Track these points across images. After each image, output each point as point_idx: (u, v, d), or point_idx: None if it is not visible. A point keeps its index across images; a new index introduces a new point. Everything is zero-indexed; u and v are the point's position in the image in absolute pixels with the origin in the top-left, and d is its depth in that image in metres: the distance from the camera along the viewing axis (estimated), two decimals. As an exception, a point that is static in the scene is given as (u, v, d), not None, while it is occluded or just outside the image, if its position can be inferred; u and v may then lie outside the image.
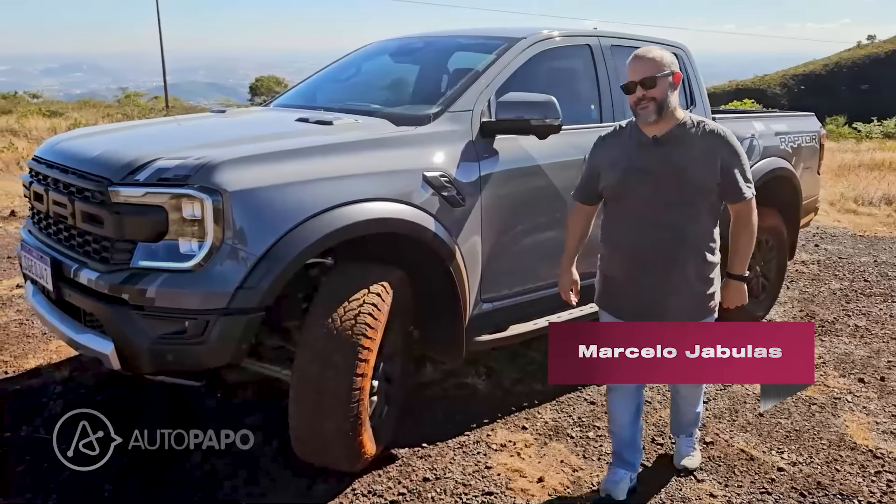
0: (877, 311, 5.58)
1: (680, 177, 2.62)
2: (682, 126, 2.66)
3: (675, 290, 2.72)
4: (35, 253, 3.06)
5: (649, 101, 2.58)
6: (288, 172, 2.76)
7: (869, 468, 3.24)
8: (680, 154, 2.63)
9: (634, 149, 2.69)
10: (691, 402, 3.10)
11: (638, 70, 2.60)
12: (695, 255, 2.70)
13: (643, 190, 2.67)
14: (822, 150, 5.74)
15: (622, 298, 2.82)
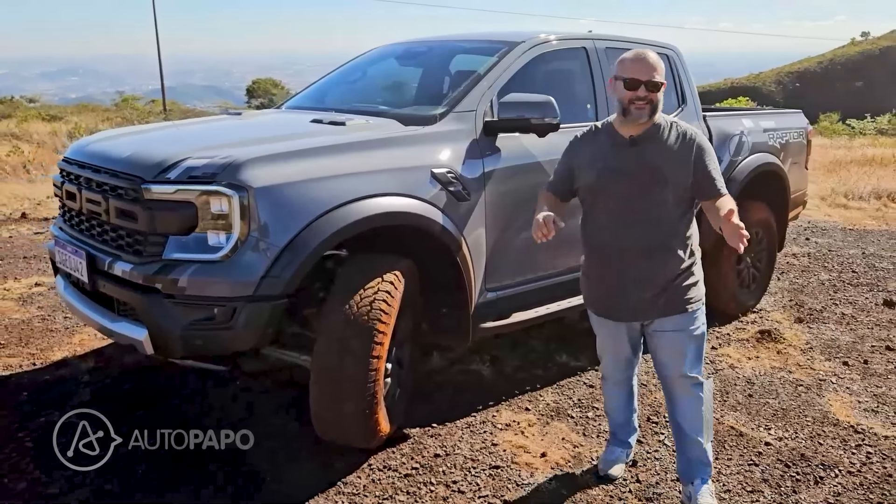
0: (863, 300, 5.81)
1: (655, 175, 2.67)
2: (657, 126, 2.72)
3: (656, 287, 2.73)
4: (70, 248, 3.27)
5: (647, 102, 2.63)
6: (307, 170, 2.98)
7: (850, 442, 3.46)
8: (654, 153, 2.68)
9: (610, 149, 2.74)
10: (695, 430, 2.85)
11: (645, 71, 2.64)
12: (673, 251, 2.72)
13: (619, 189, 2.71)
14: (809, 146, 5.97)
15: (606, 298, 2.86)
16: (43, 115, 26.29)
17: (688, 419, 2.86)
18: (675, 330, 2.79)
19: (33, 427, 3.40)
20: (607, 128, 2.80)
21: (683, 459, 2.93)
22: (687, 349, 2.80)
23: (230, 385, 3.90)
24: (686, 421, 2.87)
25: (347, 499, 2.90)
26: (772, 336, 4.82)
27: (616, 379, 3.07)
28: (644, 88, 2.63)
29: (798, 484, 3.09)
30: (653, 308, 2.77)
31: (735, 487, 3.06)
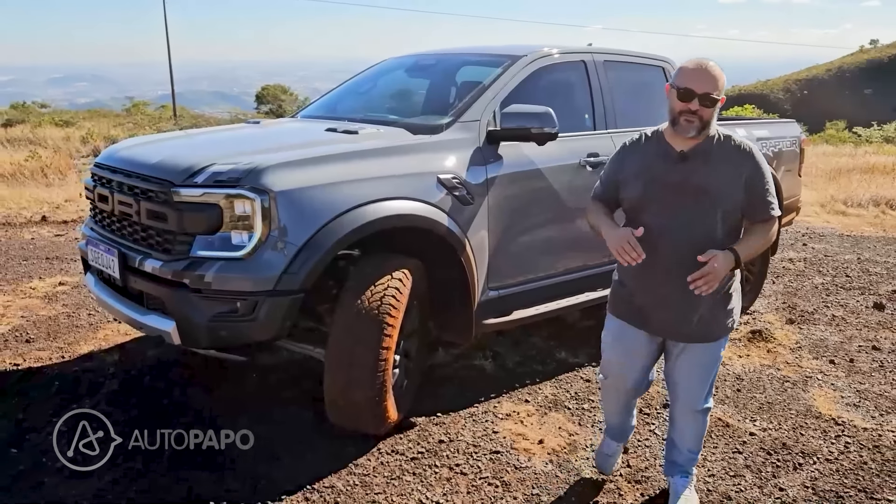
0: (854, 302, 6.03)
1: (703, 193, 2.56)
2: (709, 141, 2.59)
3: (693, 306, 2.65)
4: (102, 246, 3.53)
5: (697, 117, 2.50)
6: (323, 175, 3.23)
7: (830, 433, 3.68)
8: (705, 170, 2.56)
9: (659, 161, 2.63)
10: (689, 446, 2.97)
11: (702, 83, 2.49)
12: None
13: (665, 204, 2.60)
14: (802, 154, 6.19)
15: (640, 311, 2.77)
16: (56, 121, 26.74)
17: (686, 439, 2.96)
18: (704, 355, 2.77)
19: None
20: (658, 136, 2.68)
21: (670, 461, 3.06)
22: (706, 379, 2.83)
23: (249, 377, 4.14)
24: (684, 441, 2.97)
25: (358, 479, 3.14)
26: (763, 336, 5.04)
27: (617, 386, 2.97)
28: (697, 102, 2.49)
29: (778, 470, 3.31)
30: (689, 330, 2.70)
31: (719, 472, 3.28)
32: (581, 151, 4.19)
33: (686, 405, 2.89)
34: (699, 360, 2.79)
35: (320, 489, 3.05)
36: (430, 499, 3.02)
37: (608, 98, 4.55)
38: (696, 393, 2.85)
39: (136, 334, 4.79)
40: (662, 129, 2.68)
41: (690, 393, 2.85)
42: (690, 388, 2.84)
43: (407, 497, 3.03)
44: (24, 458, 3.24)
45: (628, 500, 3.06)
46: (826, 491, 3.14)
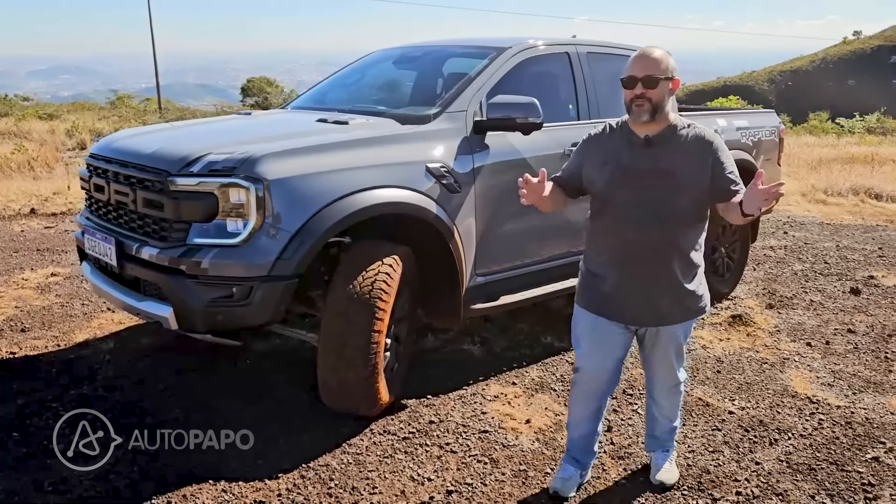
0: (831, 288, 6.19)
1: (669, 178, 2.62)
2: (673, 128, 2.66)
3: (662, 292, 2.72)
4: (99, 235, 3.61)
5: (646, 100, 2.58)
6: (315, 164, 3.33)
7: (805, 411, 3.83)
8: (670, 156, 2.63)
9: (626, 149, 2.69)
10: (668, 415, 3.08)
11: (642, 67, 2.59)
12: (681, 256, 2.71)
13: (632, 190, 2.65)
14: (781, 144, 6.34)
15: (605, 297, 2.80)
16: (39, 114, 26.52)
17: (666, 410, 3.08)
18: (673, 335, 2.87)
19: (66, 399, 3.74)
20: (622, 126, 2.74)
21: (651, 435, 3.18)
22: (679, 353, 2.95)
23: (242, 362, 4.24)
24: (664, 412, 3.08)
25: (352, 457, 3.25)
26: (743, 320, 5.19)
27: (591, 389, 2.94)
28: (641, 85, 2.58)
29: (755, 445, 3.46)
30: (662, 314, 2.77)
31: (698, 448, 3.42)
32: (565, 141, 4.31)
33: (665, 384, 3.02)
34: (673, 338, 2.88)
35: (315, 467, 3.16)
36: (422, 475, 3.14)
37: (591, 89, 4.66)
38: (670, 368, 2.97)
39: (130, 323, 4.87)
40: (626, 119, 2.75)
41: (667, 371, 2.98)
42: (667, 366, 2.96)
43: (399, 474, 3.14)
44: (28, 442, 3.33)
45: (612, 475, 3.19)
46: (799, 464, 3.28)
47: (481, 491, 3.04)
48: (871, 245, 7.93)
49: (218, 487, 3.00)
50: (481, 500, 2.98)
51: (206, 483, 3.02)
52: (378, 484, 3.07)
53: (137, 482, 3.04)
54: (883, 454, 3.37)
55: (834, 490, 3.08)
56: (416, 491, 3.03)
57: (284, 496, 2.96)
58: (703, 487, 3.09)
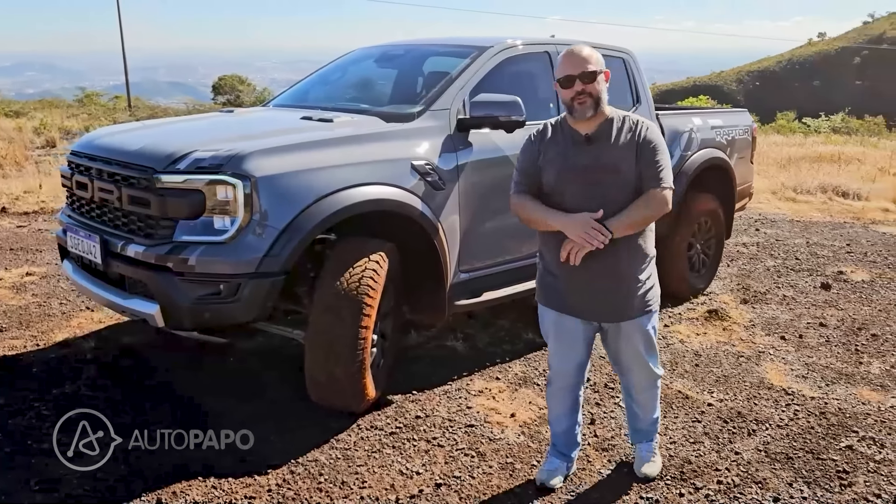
0: (803, 283, 6.34)
1: (611, 173, 2.68)
2: (610, 122, 2.73)
3: (614, 286, 2.76)
4: (82, 233, 3.59)
5: (587, 95, 2.64)
6: (302, 161, 3.35)
7: (781, 402, 3.93)
8: (610, 150, 2.69)
9: (569, 146, 2.74)
10: (648, 409, 3.11)
11: (576, 64, 2.65)
12: (630, 249, 2.74)
13: (577, 187, 2.70)
14: (754, 142, 6.48)
15: (562, 295, 2.85)
16: (6, 111, 26.01)
17: (645, 405, 3.10)
18: (639, 331, 2.87)
19: (49, 398, 3.71)
20: (562, 124, 2.80)
21: (634, 429, 3.20)
22: (650, 347, 2.93)
23: (228, 360, 4.24)
24: (643, 408, 3.11)
25: (340, 453, 3.28)
26: (719, 315, 5.30)
27: (564, 384, 3.03)
28: (579, 82, 2.64)
29: (734, 436, 3.55)
30: (619, 309, 2.80)
31: (680, 440, 3.50)
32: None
33: (638, 378, 3.03)
34: (636, 335, 2.88)
35: (304, 463, 3.19)
36: (410, 469, 3.18)
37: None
38: (643, 365, 2.96)
39: (110, 322, 4.84)
40: (565, 117, 2.80)
41: (638, 366, 2.97)
42: (636, 362, 2.95)
43: (388, 468, 3.18)
44: (10, 441, 3.30)
45: (597, 466, 3.25)
46: (777, 453, 3.38)
47: (469, 483, 3.08)
48: (840, 241, 8.13)
49: (208, 483, 3.00)
50: (470, 492, 3.03)
51: (196, 479, 3.02)
52: (367, 478, 3.10)
53: (127, 479, 3.03)
54: (856, 443, 3.48)
55: (810, 478, 3.18)
56: (405, 484, 3.06)
57: (274, 492, 2.98)
58: (686, 477, 3.17)
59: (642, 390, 3.06)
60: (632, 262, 2.76)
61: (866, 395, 4.04)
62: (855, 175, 13.22)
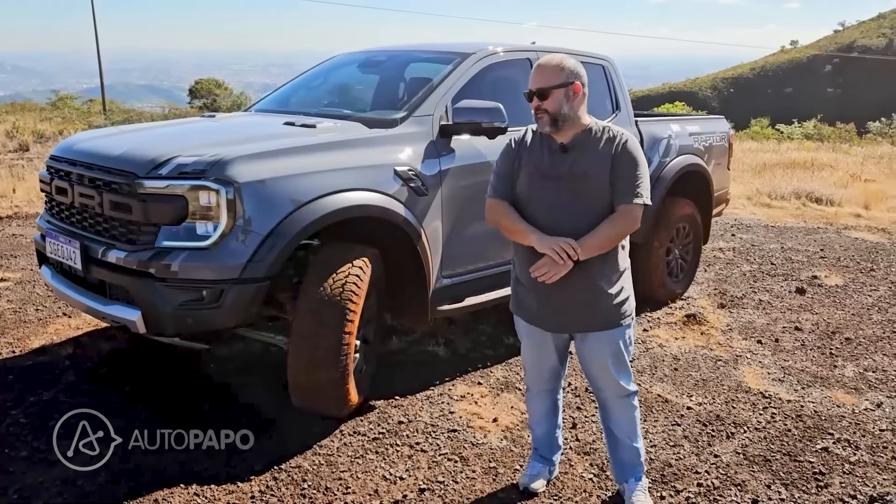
0: (778, 288, 6.44)
1: (582, 182, 2.63)
2: (588, 132, 2.68)
3: (583, 296, 2.69)
4: (62, 238, 3.55)
5: (543, 112, 2.62)
6: (285, 167, 3.34)
7: (758, 405, 3.99)
8: (583, 159, 2.65)
9: (545, 154, 2.71)
10: (628, 434, 2.94)
11: (535, 79, 2.63)
12: (600, 260, 2.66)
13: (548, 195, 2.67)
14: (731, 148, 6.58)
15: (533, 305, 2.80)
16: (-25, 115, 25.59)
17: (621, 427, 2.93)
18: (607, 344, 2.77)
19: (25, 405, 3.66)
20: (542, 132, 2.74)
21: (616, 461, 3.01)
22: (618, 362, 2.81)
23: (207, 366, 4.21)
24: (620, 429, 2.93)
25: (324, 458, 3.28)
26: (697, 319, 5.37)
27: (540, 389, 3.03)
28: (536, 99, 2.63)
29: (713, 439, 3.60)
30: (586, 321, 2.74)
31: (660, 443, 3.54)
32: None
33: (610, 393, 2.89)
34: (604, 348, 2.77)
35: (287, 469, 3.18)
36: (394, 475, 3.18)
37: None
38: (614, 380, 2.83)
39: (88, 328, 4.79)
40: None
41: (608, 381, 2.84)
42: (606, 376, 2.83)
43: (371, 474, 3.18)
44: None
45: (579, 470, 3.28)
46: (755, 455, 3.43)
47: (453, 488, 3.10)
48: (814, 246, 8.27)
49: (190, 490, 2.99)
50: (453, 497, 3.04)
51: (178, 486, 3.01)
52: (351, 484, 3.10)
53: (108, 486, 3.00)
54: (832, 444, 3.55)
55: (788, 479, 3.23)
56: (388, 490, 3.07)
57: (258, 498, 2.97)
58: (667, 480, 3.21)
59: (614, 407, 2.92)
60: (600, 274, 2.68)
61: (841, 398, 4.12)
62: (828, 181, 13.45)
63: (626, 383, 2.87)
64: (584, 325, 2.76)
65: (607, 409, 2.96)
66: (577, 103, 2.65)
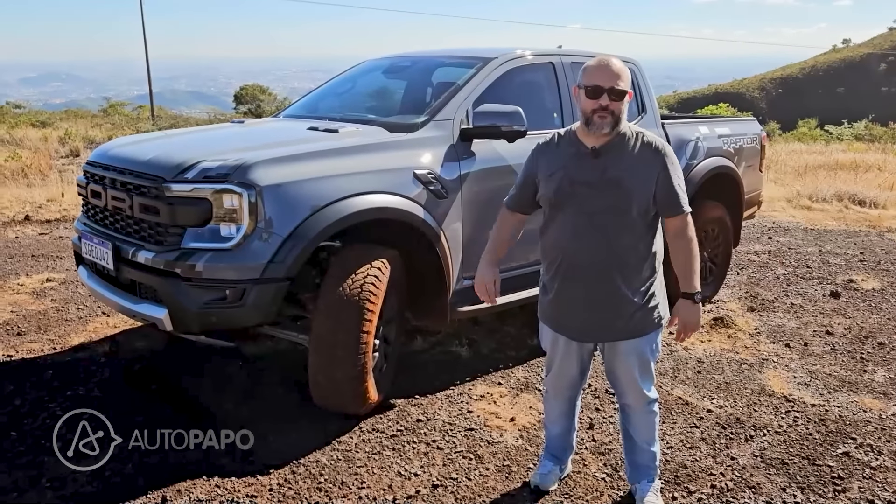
0: (812, 291, 6.34)
1: (615, 188, 2.58)
2: (622, 136, 2.62)
3: (610, 304, 2.68)
4: (96, 240, 3.72)
5: (608, 112, 2.53)
6: (307, 171, 3.45)
7: (781, 409, 3.96)
8: (616, 165, 2.59)
9: (573, 159, 2.65)
10: (644, 435, 2.95)
11: (608, 77, 2.53)
12: (629, 268, 2.65)
13: (578, 201, 2.62)
14: (763, 150, 6.50)
15: (561, 312, 2.79)
16: (32, 121, 26.55)
17: (640, 431, 2.94)
18: (635, 352, 2.77)
19: (61, 399, 3.83)
20: (571, 136, 2.70)
21: (631, 462, 3.02)
22: (644, 370, 2.82)
23: (235, 364, 4.34)
24: (639, 434, 2.94)
25: (341, 454, 3.37)
26: (724, 323, 5.33)
27: (559, 393, 3.04)
28: (607, 97, 2.52)
29: (731, 441, 3.58)
30: (613, 330, 2.73)
31: (676, 445, 3.54)
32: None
33: (632, 399, 2.90)
34: (633, 355, 2.78)
35: (306, 463, 3.27)
36: (409, 471, 3.25)
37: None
38: (638, 387, 2.84)
39: (125, 326, 4.97)
40: (575, 129, 2.70)
41: (632, 388, 2.85)
42: (631, 382, 2.84)
43: (387, 469, 3.26)
44: (25, 441, 3.42)
45: (592, 470, 3.31)
46: (773, 459, 3.41)
47: (465, 485, 3.15)
48: (853, 250, 8.10)
49: (211, 483, 3.10)
50: (465, 493, 3.10)
51: (200, 479, 3.13)
52: (366, 479, 3.18)
53: (132, 478, 3.14)
54: (853, 449, 3.51)
55: (805, 483, 3.21)
56: (402, 485, 3.14)
57: (276, 491, 3.07)
58: (680, 481, 3.21)
59: (635, 413, 2.93)
60: (626, 283, 2.66)
61: (868, 404, 4.05)
62: (872, 183, 13.14)
63: (649, 390, 2.89)
64: (611, 334, 2.76)
65: (628, 414, 2.98)
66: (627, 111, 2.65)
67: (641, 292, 2.70)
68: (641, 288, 2.70)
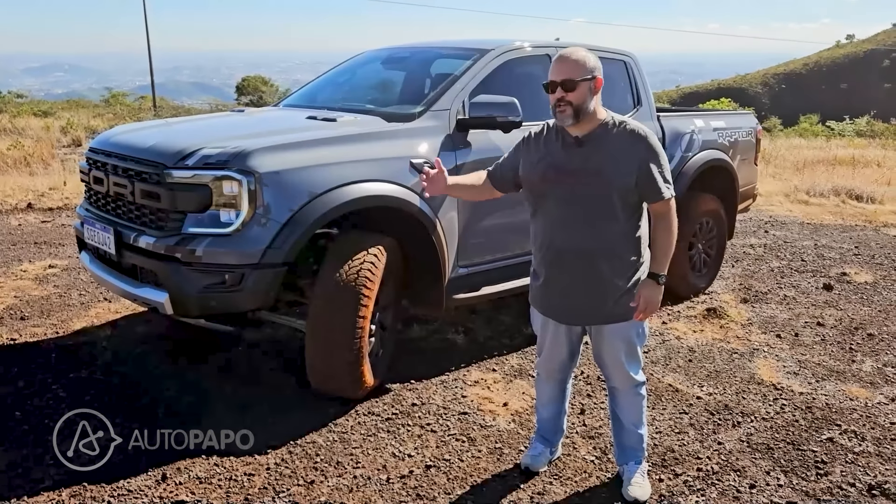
0: (805, 284, 6.41)
1: (596, 176, 2.65)
2: (604, 126, 2.69)
3: (596, 289, 2.75)
4: (98, 225, 3.79)
5: (566, 104, 2.60)
6: (305, 158, 3.52)
7: (769, 397, 4.04)
8: (598, 154, 2.66)
9: (559, 149, 2.73)
10: (632, 417, 3.04)
11: (560, 71, 2.61)
12: (612, 255, 2.72)
13: (563, 189, 2.69)
14: (758, 144, 6.56)
15: (548, 298, 2.88)
16: (35, 111, 26.61)
17: (628, 414, 3.03)
18: (621, 336, 2.85)
19: (65, 381, 3.92)
20: (559, 126, 2.76)
21: (619, 445, 3.12)
22: (631, 354, 2.91)
23: (234, 348, 4.43)
24: (627, 416, 3.04)
25: (337, 436, 3.45)
26: (717, 313, 5.40)
27: (550, 376, 3.12)
28: (561, 89, 2.60)
29: (718, 427, 3.66)
30: (598, 314, 2.81)
31: (665, 430, 3.62)
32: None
33: (619, 382, 2.99)
34: (619, 339, 2.86)
35: (302, 444, 3.36)
36: (403, 452, 3.34)
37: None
38: (625, 370, 2.92)
39: (126, 312, 5.06)
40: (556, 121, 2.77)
41: (619, 372, 2.94)
42: (618, 365, 2.92)
43: (382, 451, 3.34)
44: (28, 420, 3.51)
45: (581, 453, 3.39)
46: (759, 443, 3.49)
47: (458, 466, 3.24)
48: (848, 244, 8.17)
49: (210, 461, 3.19)
50: (457, 474, 3.18)
51: (199, 457, 3.21)
52: (361, 459, 3.26)
53: (133, 455, 3.22)
54: (837, 435, 3.59)
55: (788, 467, 3.29)
56: (396, 465, 3.22)
57: (273, 469, 3.16)
58: (667, 464, 3.30)
59: (623, 395, 3.02)
60: (611, 268, 2.73)
61: (855, 392, 4.13)
62: (870, 178, 13.19)
63: (636, 373, 2.98)
64: (597, 318, 2.84)
65: (616, 397, 3.07)
66: (597, 98, 2.69)
67: (627, 277, 2.77)
68: (627, 273, 2.77)
